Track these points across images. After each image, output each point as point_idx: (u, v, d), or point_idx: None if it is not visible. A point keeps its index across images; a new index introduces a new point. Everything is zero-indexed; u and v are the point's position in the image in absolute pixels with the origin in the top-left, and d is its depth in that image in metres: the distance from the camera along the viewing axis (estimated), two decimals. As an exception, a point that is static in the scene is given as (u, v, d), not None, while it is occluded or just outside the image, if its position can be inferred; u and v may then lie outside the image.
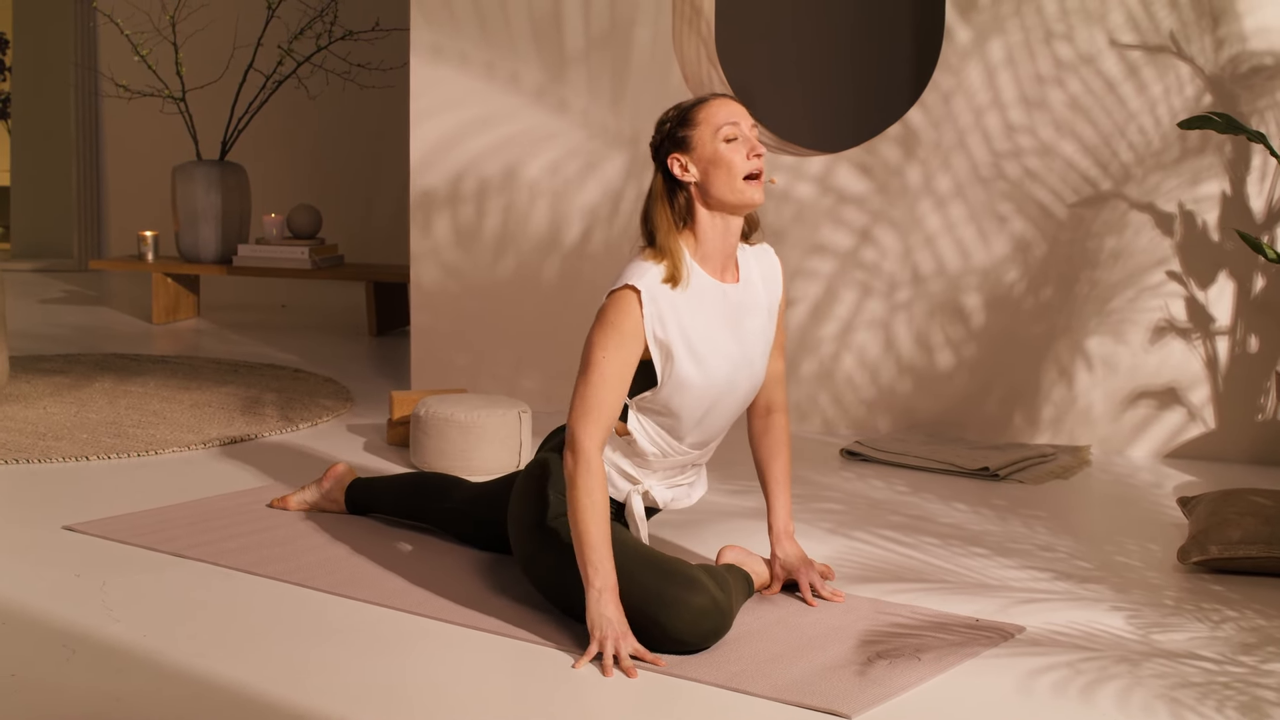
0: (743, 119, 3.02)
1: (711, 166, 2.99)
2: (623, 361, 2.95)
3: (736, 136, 3.00)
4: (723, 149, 2.99)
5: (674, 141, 3.03)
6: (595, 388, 2.93)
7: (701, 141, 3.00)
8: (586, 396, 2.94)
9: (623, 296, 2.96)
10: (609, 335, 2.95)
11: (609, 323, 2.95)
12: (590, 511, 2.88)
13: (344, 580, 3.32)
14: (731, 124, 3.00)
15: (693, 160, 3.01)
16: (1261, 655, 2.97)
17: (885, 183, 4.94)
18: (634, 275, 2.98)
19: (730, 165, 2.99)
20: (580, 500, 2.89)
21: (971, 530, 3.88)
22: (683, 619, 2.86)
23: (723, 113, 3.01)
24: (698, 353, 3.01)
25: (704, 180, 3.01)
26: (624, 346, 2.95)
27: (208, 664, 2.81)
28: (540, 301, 5.39)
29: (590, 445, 2.92)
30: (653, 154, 3.08)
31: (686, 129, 3.02)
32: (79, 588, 3.26)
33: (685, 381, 3.02)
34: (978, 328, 4.89)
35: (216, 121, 7.72)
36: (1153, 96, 4.65)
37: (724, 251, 3.07)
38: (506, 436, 4.35)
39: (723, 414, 3.13)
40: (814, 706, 2.65)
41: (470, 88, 5.35)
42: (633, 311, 2.95)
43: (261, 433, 4.84)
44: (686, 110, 3.05)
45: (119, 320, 7.52)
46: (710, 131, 3.00)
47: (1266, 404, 4.64)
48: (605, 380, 2.93)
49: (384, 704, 2.65)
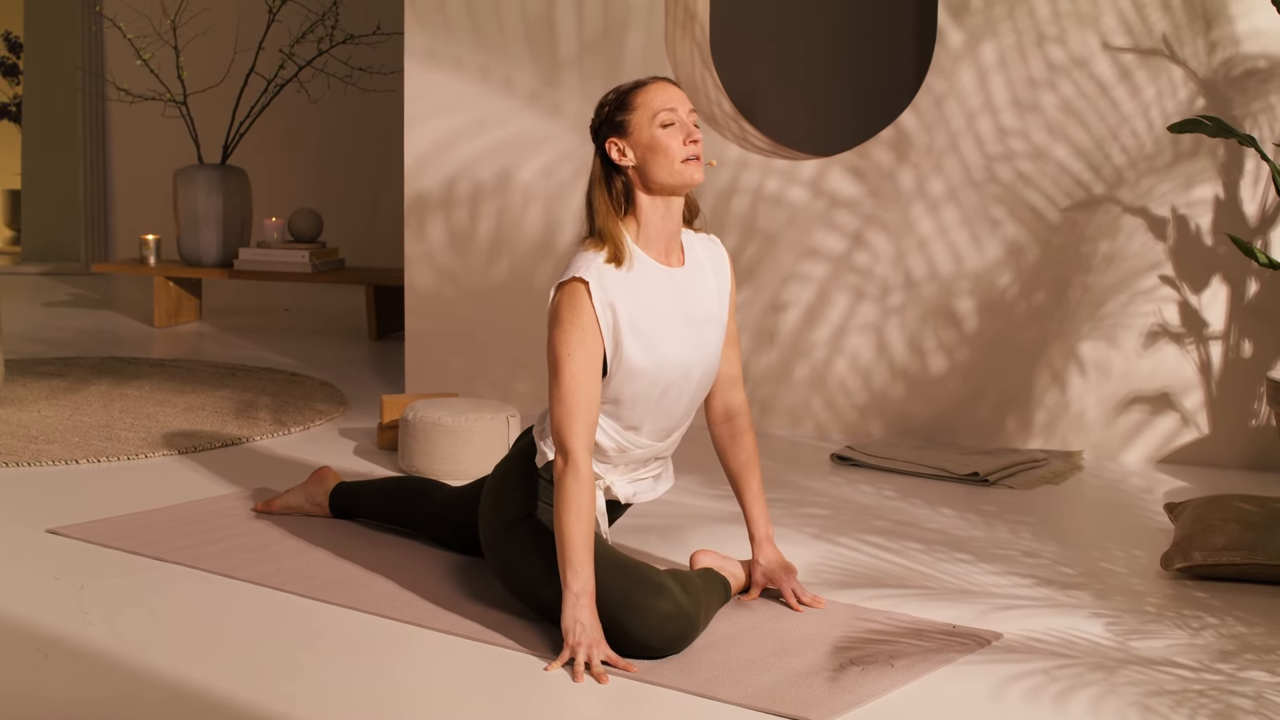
0: (680, 104, 3.02)
1: (649, 152, 2.98)
2: (590, 354, 2.94)
3: (674, 122, 2.99)
4: (659, 134, 2.98)
5: (611, 126, 3.02)
6: (569, 388, 2.93)
7: (639, 126, 2.99)
8: (563, 399, 2.93)
9: (572, 290, 2.96)
10: (569, 333, 2.95)
11: (565, 320, 2.95)
12: (575, 515, 2.87)
13: (322, 585, 3.32)
14: (669, 109, 2.99)
15: (630, 145, 3.00)
16: (1239, 663, 2.96)
17: (878, 186, 4.92)
18: (579, 267, 2.98)
19: (667, 150, 2.98)
20: (567, 503, 2.88)
21: (956, 536, 3.86)
22: (648, 624, 2.85)
23: (660, 97, 3.00)
24: (646, 335, 3.00)
25: (642, 165, 3.00)
26: (586, 340, 2.94)
27: (180, 668, 2.81)
28: (534, 305, 5.38)
29: (578, 447, 2.91)
30: (592, 137, 3.07)
31: (624, 113, 3.01)
32: (57, 591, 3.26)
33: (635, 367, 3.00)
34: (970, 332, 4.88)
35: (218, 125, 7.74)
36: (1146, 100, 4.63)
37: (666, 233, 3.06)
38: (494, 440, 4.34)
39: (679, 401, 3.10)
40: (783, 713, 2.64)
41: (464, 92, 5.35)
42: (585, 303, 2.95)
43: (253, 436, 4.84)
44: (625, 94, 3.04)
45: (121, 324, 7.53)
46: (648, 116, 2.99)
47: (1260, 409, 4.61)
48: (576, 378, 2.92)
49: (354, 709, 2.65)
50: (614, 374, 3.01)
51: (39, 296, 8.59)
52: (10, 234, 12.08)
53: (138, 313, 7.85)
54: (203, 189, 7.29)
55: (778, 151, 5.21)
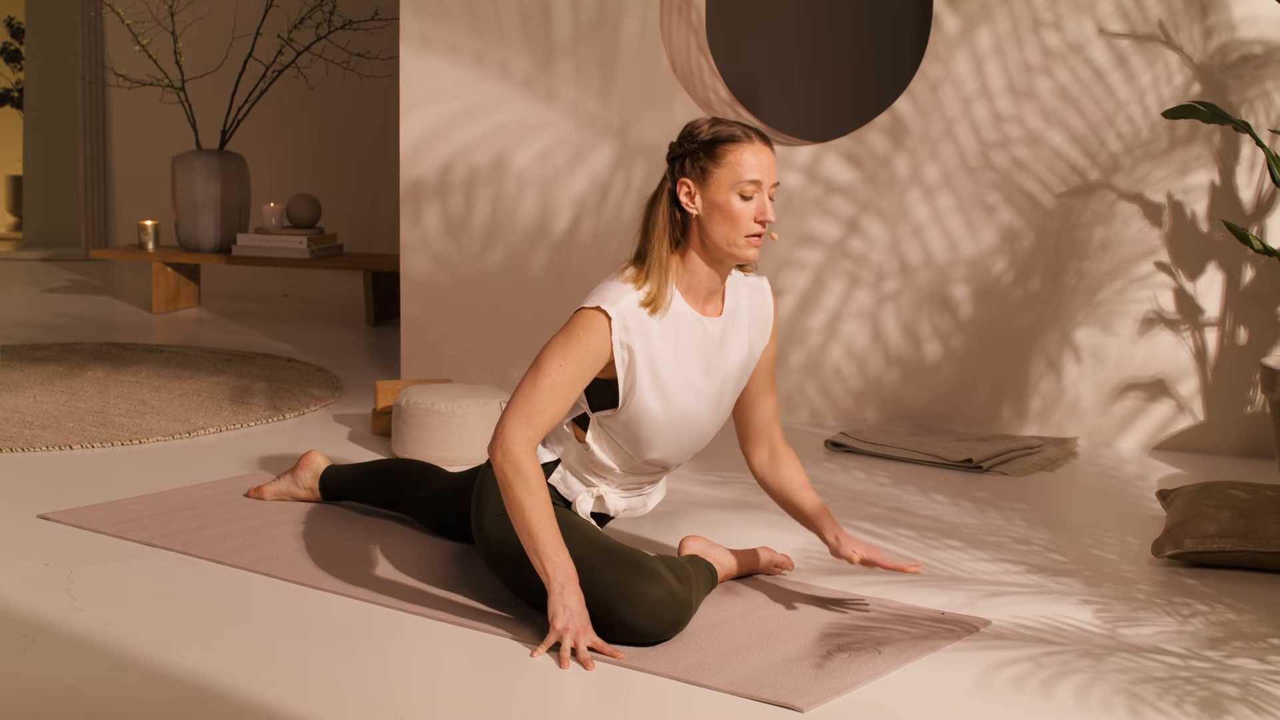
0: (768, 176, 2.90)
1: (717, 212, 2.89)
2: (575, 377, 2.89)
3: (753, 196, 2.90)
4: (734, 202, 2.88)
5: (692, 166, 2.91)
6: (540, 394, 2.87)
7: (717, 184, 2.89)
8: (530, 397, 2.88)
9: (593, 317, 2.89)
10: (570, 348, 2.88)
11: (573, 336, 2.89)
12: (532, 509, 2.84)
13: (310, 570, 3.32)
14: (754, 182, 2.89)
15: (702, 195, 2.91)
16: (1227, 650, 2.95)
17: (873, 173, 4.91)
18: (609, 297, 2.90)
19: (735, 221, 2.89)
20: (520, 500, 2.84)
21: (949, 522, 3.86)
22: (641, 611, 2.85)
23: (750, 165, 2.88)
24: (663, 384, 2.96)
25: (705, 220, 2.91)
26: (581, 363, 2.89)
27: (166, 654, 2.81)
28: (529, 291, 5.37)
29: (520, 447, 2.86)
30: (668, 159, 2.97)
31: (709, 162, 2.90)
32: (46, 577, 3.26)
33: (645, 410, 2.97)
34: (965, 319, 4.86)
35: (217, 111, 7.73)
36: (1141, 86, 4.62)
37: (709, 286, 2.99)
38: (487, 426, 4.34)
39: (684, 442, 3.07)
40: (767, 699, 2.64)
41: (459, 78, 5.34)
42: (600, 333, 2.89)
43: (247, 422, 4.84)
44: (718, 143, 2.90)
45: (120, 309, 7.53)
46: (730, 179, 2.88)
47: (1255, 396, 4.60)
48: (552, 389, 2.87)
49: (336, 694, 2.65)
50: (624, 408, 2.97)
51: (39, 282, 8.59)
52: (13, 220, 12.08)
53: (136, 298, 7.84)
54: (201, 175, 7.28)
55: (773, 137, 5.20)
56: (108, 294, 8.11)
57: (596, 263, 5.26)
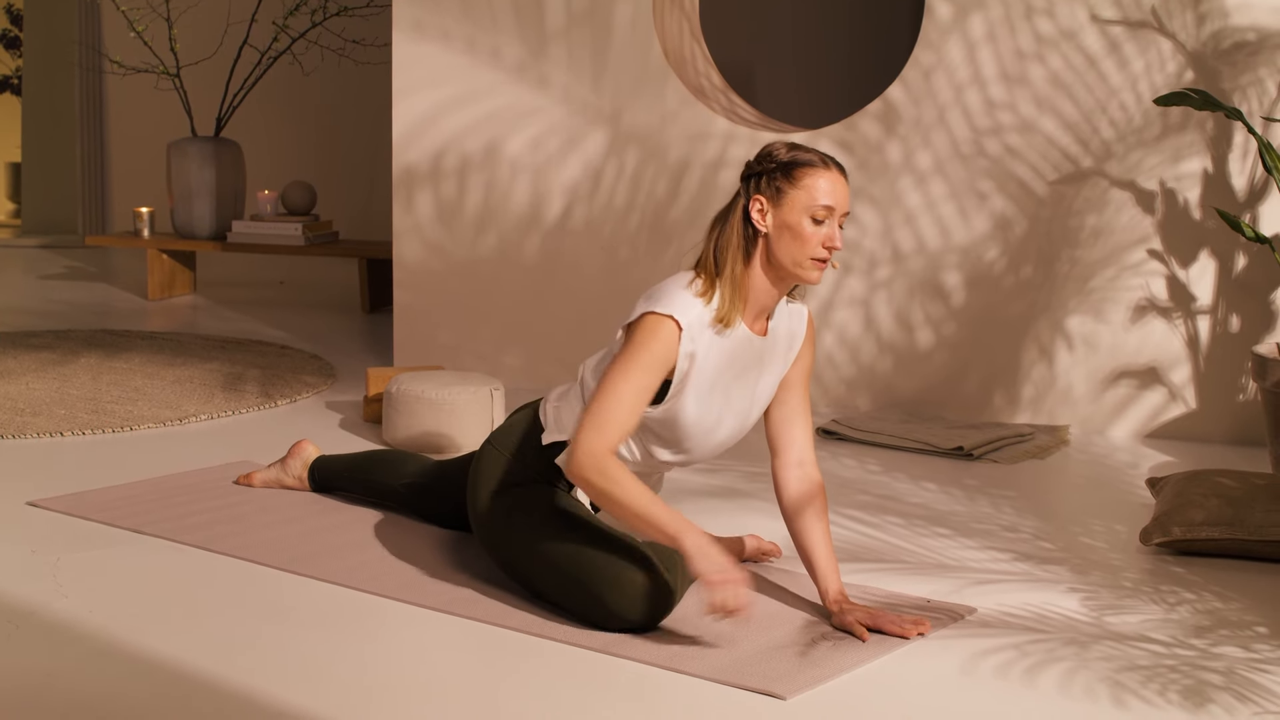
0: (841, 204, 2.91)
1: (787, 232, 2.89)
2: (646, 386, 2.88)
3: (824, 221, 2.90)
4: (805, 224, 2.88)
5: (768, 185, 2.91)
6: (611, 406, 2.86)
7: (791, 206, 2.89)
8: (601, 412, 2.86)
9: (663, 325, 2.87)
10: (640, 358, 2.87)
11: (642, 346, 2.87)
12: (631, 500, 2.80)
13: (297, 557, 3.31)
14: (827, 208, 2.89)
15: (774, 214, 2.90)
16: (1213, 638, 2.95)
17: (865, 159, 4.90)
18: (680, 306, 2.89)
19: (804, 243, 2.89)
20: (615, 497, 2.81)
21: (938, 510, 3.85)
22: (627, 597, 2.85)
23: (825, 191, 2.88)
24: (707, 396, 2.96)
25: (774, 238, 2.91)
26: (649, 371, 2.88)
27: (149, 641, 2.81)
28: (522, 278, 5.37)
29: (595, 454, 2.83)
30: (743, 176, 2.97)
31: (785, 183, 2.90)
32: (33, 564, 3.26)
33: (682, 414, 2.96)
34: (958, 306, 4.86)
35: (212, 98, 7.72)
36: (1134, 73, 4.60)
37: (764, 303, 2.99)
38: (477, 414, 4.34)
39: (704, 450, 3.06)
40: (750, 687, 2.63)
41: (452, 63, 5.33)
42: (669, 342, 2.88)
43: (239, 409, 4.84)
44: (797, 166, 2.91)
45: (115, 296, 7.53)
46: (804, 202, 2.88)
47: (1247, 384, 4.60)
48: (623, 401, 2.86)
49: (320, 683, 2.64)
50: (663, 408, 2.96)
51: (35, 269, 8.59)
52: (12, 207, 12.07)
53: (132, 285, 7.84)
54: (195, 161, 7.28)
55: (766, 124, 5.19)
56: (104, 281, 8.11)
57: (589, 249, 5.26)
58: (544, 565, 2.97)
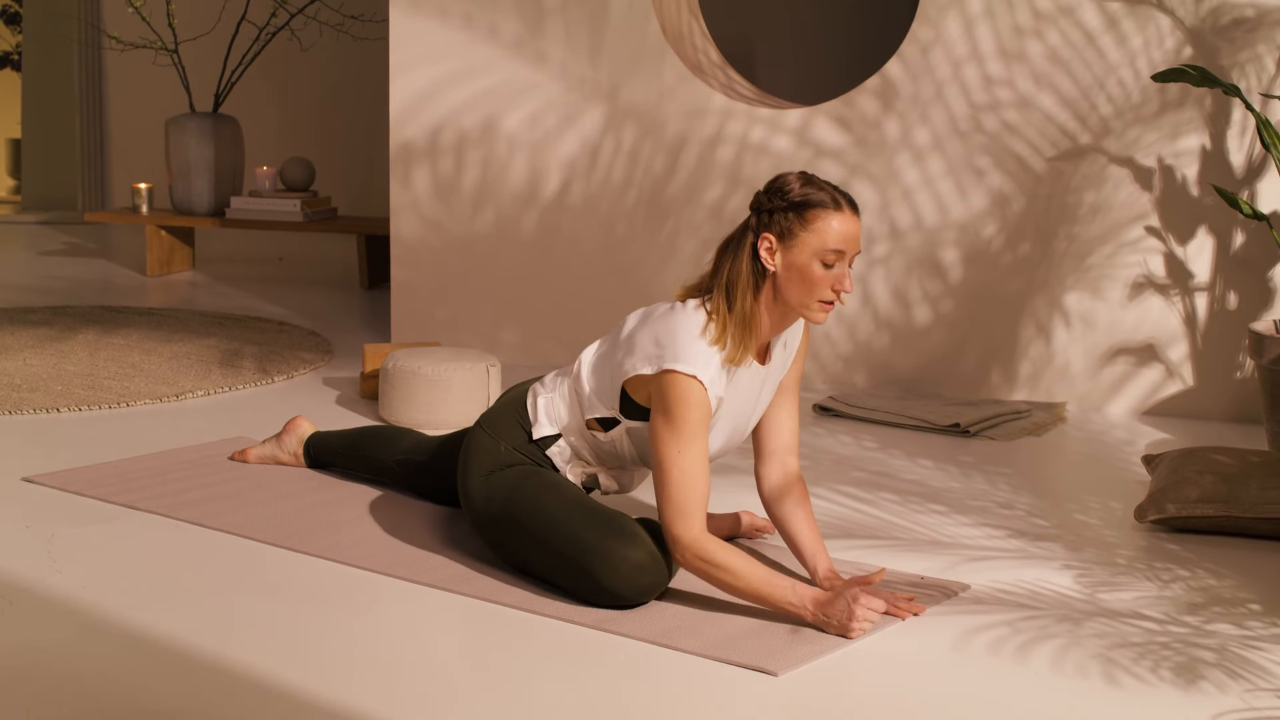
0: (852, 248, 2.87)
1: (795, 274, 2.86)
2: (701, 449, 2.85)
3: (834, 265, 2.86)
4: (815, 268, 2.84)
5: (778, 224, 2.88)
6: (684, 486, 2.83)
7: (801, 248, 2.85)
8: (676, 498, 2.83)
9: (692, 389, 2.84)
10: (685, 429, 2.83)
11: (682, 417, 2.83)
12: (746, 578, 2.80)
13: (292, 534, 3.31)
14: (838, 252, 2.85)
15: (783, 254, 2.87)
16: (1206, 615, 2.95)
17: (863, 136, 4.89)
18: (700, 364, 2.84)
19: (812, 287, 2.86)
20: (729, 582, 2.81)
21: (933, 487, 3.85)
22: (619, 573, 2.85)
23: (837, 235, 2.84)
24: (717, 424, 2.97)
25: (782, 278, 2.88)
26: (700, 434, 2.85)
27: (142, 617, 2.81)
28: (519, 254, 5.36)
29: (694, 543, 2.82)
30: (753, 209, 2.92)
31: (796, 224, 2.85)
32: (27, 539, 3.26)
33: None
34: (955, 283, 4.85)
35: (211, 74, 7.70)
36: (1132, 49, 4.59)
37: (768, 336, 2.98)
38: (473, 391, 4.33)
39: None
40: (742, 663, 2.64)
41: (449, 39, 5.31)
42: (703, 401, 2.84)
43: (236, 385, 4.84)
44: (809, 207, 2.85)
45: (114, 273, 7.52)
46: (815, 246, 2.84)
47: (1244, 361, 4.59)
48: (686, 475, 2.83)
49: (313, 659, 2.65)
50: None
51: (35, 245, 8.58)
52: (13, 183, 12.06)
53: (131, 261, 7.83)
54: (194, 137, 7.26)
55: (763, 100, 5.18)
56: (102, 257, 8.10)
57: (586, 226, 5.25)
58: (536, 544, 2.97)
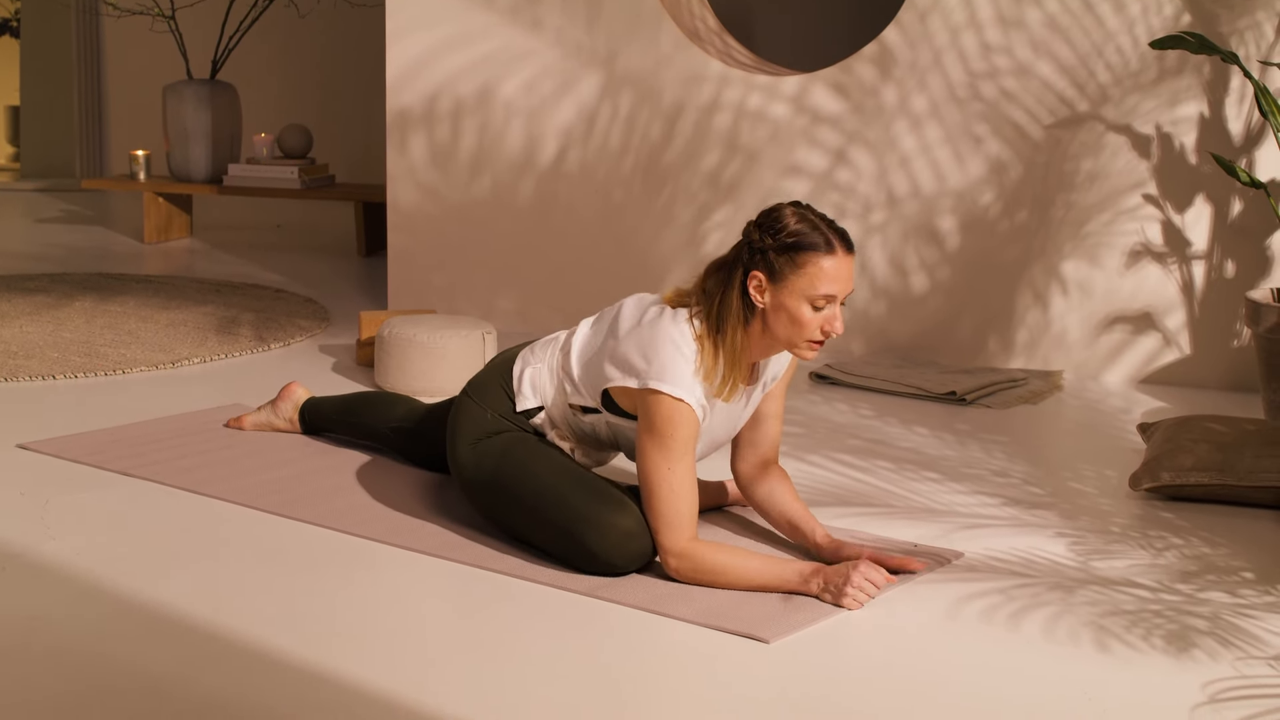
0: (843, 289, 2.84)
1: (784, 314, 2.84)
2: (689, 465, 2.85)
3: (823, 308, 2.84)
4: (804, 310, 2.82)
5: (768, 262, 2.84)
6: (672, 500, 2.83)
7: (791, 290, 2.82)
8: (663, 514, 2.83)
9: (679, 410, 2.83)
10: (673, 447, 2.83)
11: (670, 436, 2.83)
12: (743, 572, 2.80)
13: (286, 501, 3.31)
14: (829, 297, 2.83)
15: (772, 293, 2.84)
16: (1199, 584, 2.95)
17: (861, 103, 4.87)
18: (688, 389, 2.83)
19: (801, 329, 2.84)
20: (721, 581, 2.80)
21: (928, 455, 3.85)
22: (608, 540, 2.85)
23: (828, 280, 2.81)
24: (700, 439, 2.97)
25: (771, 316, 2.86)
26: (688, 451, 2.85)
27: (135, 583, 2.81)
28: (516, 222, 5.35)
29: (684, 551, 2.82)
30: (744, 236, 2.89)
31: (787, 266, 2.82)
32: (21, 506, 3.26)
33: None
34: (952, 251, 4.84)
35: (208, 40, 7.67)
36: (1131, 16, 4.57)
37: (757, 359, 2.97)
38: (469, 357, 4.33)
39: None
40: (734, 630, 2.64)
41: (445, 6, 5.29)
42: (692, 421, 2.84)
43: (232, 352, 4.83)
44: (801, 249, 2.81)
45: (112, 240, 7.51)
46: (804, 288, 2.81)
47: (1241, 329, 4.58)
48: (675, 491, 2.83)
49: (306, 625, 2.65)
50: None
51: (33, 213, 8.56)
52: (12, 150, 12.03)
53: (129, 229, 7.82)
54: (191, 104, 7.24)
55: (761, 67, 5.16)
56: (100, 224, 8.09)
57: (583, 193, 5.23)
58: (526, 511, 2.97)
